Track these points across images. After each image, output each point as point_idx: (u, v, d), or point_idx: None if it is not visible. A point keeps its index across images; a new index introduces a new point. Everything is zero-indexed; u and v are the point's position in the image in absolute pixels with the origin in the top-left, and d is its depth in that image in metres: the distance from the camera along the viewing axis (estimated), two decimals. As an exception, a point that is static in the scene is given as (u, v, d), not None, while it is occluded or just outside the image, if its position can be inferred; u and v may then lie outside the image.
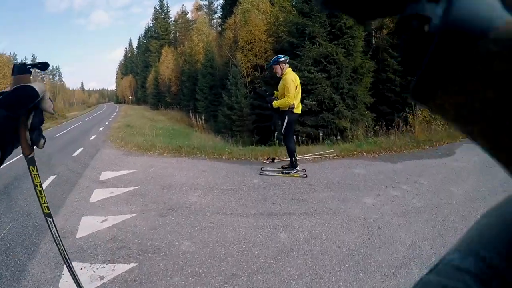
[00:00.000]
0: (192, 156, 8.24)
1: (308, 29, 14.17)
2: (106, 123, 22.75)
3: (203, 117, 24.10)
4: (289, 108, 5.34)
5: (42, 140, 0.72)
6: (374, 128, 12.86)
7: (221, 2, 38.31)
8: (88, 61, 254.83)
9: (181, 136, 16.93)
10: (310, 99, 13.47)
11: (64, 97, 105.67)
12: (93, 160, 8.71)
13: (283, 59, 5.47)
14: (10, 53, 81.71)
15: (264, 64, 21.53)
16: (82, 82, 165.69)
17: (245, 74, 22.19)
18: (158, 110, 43.49)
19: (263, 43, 21.76)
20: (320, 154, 7.52)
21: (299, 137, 13.01)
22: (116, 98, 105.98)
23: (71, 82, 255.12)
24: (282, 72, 5.45)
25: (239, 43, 22.93)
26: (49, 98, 0.71)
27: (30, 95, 0.65)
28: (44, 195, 0.79)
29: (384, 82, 16.16)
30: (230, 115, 20.41)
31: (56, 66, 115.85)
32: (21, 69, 0.67)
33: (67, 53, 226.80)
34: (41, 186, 0.77)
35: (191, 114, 26.20)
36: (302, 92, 6.03)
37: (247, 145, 19.26)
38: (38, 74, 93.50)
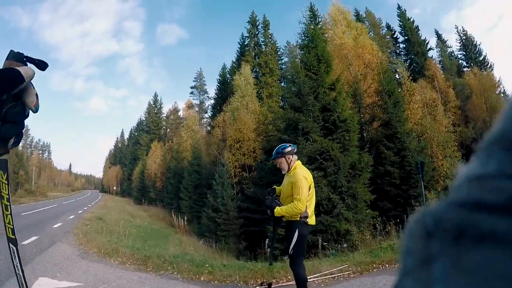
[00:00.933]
0: (161, 272, 6.42)
1: (301, 124, 13.48)
2: (80, 211, 20.71)
3: (185, 218, 22.25)
4: (300, 218, 3.76)
5: (12, 140, 0.62)
6: (385, 229, 11.21)
7: (212, 102, 39.59)
8: (80, 144, 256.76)
9: (158, 238, 15.08)
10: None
11: (50, 175, 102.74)
12: (40, 256, 6.99)
13: (289, 149, 3.99)
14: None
15: (253, 164, 20.69)
16: (70, 164, 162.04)
17: (233, 174, 21.21)
18: (141, 205, 41.70)
19: (252, 142, 21.26)
20: (331, 274, 5.94)
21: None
22: (102, 186, 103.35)
23: (59, 162, 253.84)
24: (289, 167, 3.94)
25: (227, 141, 22.43)
26: (36, 94, 0.64)
27: (12, 78, 0.58)
28: (11, 214, 0.65)
29: (382, 176, 15.32)
30: (215, 218, 18.79)
31: (46, 143, 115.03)
32: (16, 57, 0.62)
33: (60, 132, 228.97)
34: (8, 200, 0.64)
35: (173, 214, 24.34)
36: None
37: (233, 252, 17.29)
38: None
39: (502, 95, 26.81)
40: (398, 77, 22.15)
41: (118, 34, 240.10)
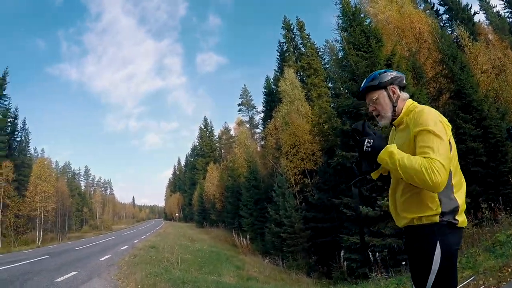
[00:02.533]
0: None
1: (363, 108, 11.46)
2: (136, 241, 20.09)
3: (248, 236, 20.73)
4: (442, 216, 1.70)
5: None
6: (493, 217, 8.81)
7: (262, 116, 38.63)
8: (141, 178, 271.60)
9: (218, 261, 13.70)
10: (385, 199, 9.62)
11: (114, 209, 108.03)
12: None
13: (393, 74, 1.95)
14: (65, 162, 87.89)
15: (314, 168, 18.75)
16: (133, 197, 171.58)
17: (293, 182, 19.44)
18: (203, 228, 41.43)
19: (309, 144, 19.51)
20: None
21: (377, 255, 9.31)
22: (165, 214, 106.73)
23: (123, 196, 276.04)
24: (395, 112, 1.93)
25: (282, 148, 20.86)
26: None
27: None
28: None
29: (465, 155, 12.63)
30: (279, 233, 17.06)
31: (108, 180, 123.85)
32: None
33: (121, 169, 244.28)
34: None
35: (233, 233, 23.00)
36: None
37: (302, 269, 15.34)
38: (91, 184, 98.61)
39: None
40: (457, 42, 19.58)
41: (161, 71, 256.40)
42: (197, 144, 65.78)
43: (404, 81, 1.98)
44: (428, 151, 1.60)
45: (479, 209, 9.40)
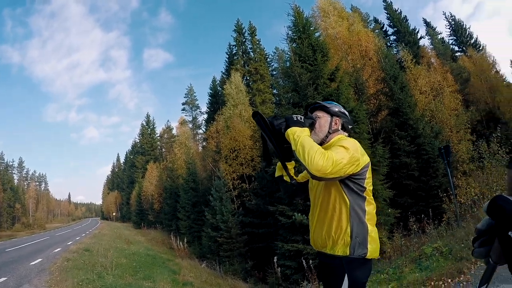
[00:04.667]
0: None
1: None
2: (70, 242, 18.96)
3: (185, 239, 20.50)
4: (352, 247, 1.80)
5: None
6: (421, 228, 9.64)
7: (205, 117, 38.33)
8: (77, 174, 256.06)
9: (154, 265, 13.44)
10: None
11: (48, 206, 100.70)
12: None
13: (342, 111, 2.11)
14: (-1, 152, 79.26)
15: (252, 173, 19.08)
16: (69, 194, 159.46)
17: (231, 186, 19.61)
18: (140, 229, 39.91)
19: (249, 150, 19.78)
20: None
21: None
22: (102, 213, 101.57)
23: (58, 192, 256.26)
24: (328, 138, 2.04)
25: (222, 152, 20.95)
26: None
27: None
28: None
29: (399, 169, 13.86)
30: (216, 237, 17.08)
31: (42, 174, 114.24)
32: None
33: (57, 163, 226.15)
34: None
35: (171, 236, 22.63)
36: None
37: (239, 274, 15.53)
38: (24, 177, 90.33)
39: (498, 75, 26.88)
40: (400, 63, 21.18)
41: (106, 63, 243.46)
42: (138, 141, 63.30)
43: (350, 126, 2.14)
44: (331, 152, 1.73)
45: (408, 221, 10.32)
